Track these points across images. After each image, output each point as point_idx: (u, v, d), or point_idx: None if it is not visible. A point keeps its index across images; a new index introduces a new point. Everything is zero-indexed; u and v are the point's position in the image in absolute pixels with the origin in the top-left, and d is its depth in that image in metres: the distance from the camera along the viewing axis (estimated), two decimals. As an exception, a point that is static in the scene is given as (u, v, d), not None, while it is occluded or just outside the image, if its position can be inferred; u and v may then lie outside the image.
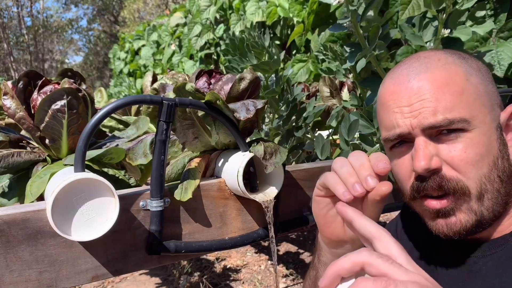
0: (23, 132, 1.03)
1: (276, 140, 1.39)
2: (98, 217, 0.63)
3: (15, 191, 0.90)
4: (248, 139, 0.88)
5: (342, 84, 1.60)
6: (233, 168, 0.79)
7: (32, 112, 0.87)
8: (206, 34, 4.25)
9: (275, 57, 1.25)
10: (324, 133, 1.27)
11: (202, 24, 4.29)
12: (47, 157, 0.91)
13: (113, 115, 1.15)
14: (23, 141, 0.96)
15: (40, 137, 0.87)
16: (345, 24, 1.03)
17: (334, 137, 1.28)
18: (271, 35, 3.14)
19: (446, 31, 0.97)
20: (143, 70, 6.70)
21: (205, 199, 0.80)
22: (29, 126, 0.86)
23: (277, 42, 3.07)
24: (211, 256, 3.19)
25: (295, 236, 3.40)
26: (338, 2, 0.98)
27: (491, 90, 0.62)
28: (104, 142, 0.96)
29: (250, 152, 0.79)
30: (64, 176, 0.65)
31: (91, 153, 0.81)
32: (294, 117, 1.31)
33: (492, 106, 0.61)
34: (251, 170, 0.81)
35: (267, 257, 3.11)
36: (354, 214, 0.53)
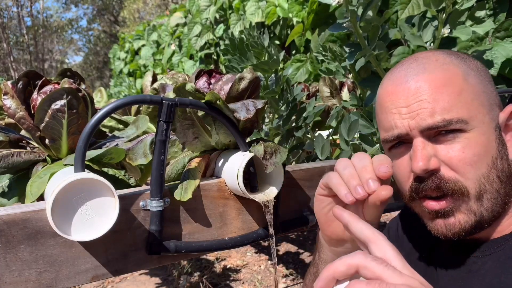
0: (23, 132, 1.03)
1: (276, 140, 1.39)
2: (98, 217, 0.63)
3: (15, 191, 0.89)
4: (248, 139, 0.88)
5: (342, 84, 1.60)
6: (233, 168, 0.79)
7: (32, 112, 0.87)
8: (206, 34, 4.25)
9: (275, 57, 1.25)
10: (324, 133, 1.27)
11: (202, 24, 4.30)
12: (47, 157, 0.91)
13: (113, 115, 1.15)
14: (23, 141, 0.96)
15: (40, 137, 0.87)
16: (345, 24, 1.03)
17: (334, 137, 1.28)
18: (271, 35, 3.14)
19: (446, 31, 0.97)
20: (143, 70, 6.70)
21: (205, 199, 0.80)
22: (29, 126, 0.86)
23: (277, 42, 3.07)
24: (211, 256, 3.19)
25: (295, 236, 3.40)
26: (338, 3, 0.98)
27: (490, 90, 0.62)
28: (104, 142, 0.96)
29: (250, 152, 0.79)
30: (64, 176, 0.65)
31: (91, 153, 0.81)
32: (294, 117, 1.31)
33: (491, 106, 0.61)
34: (251, 170, 0.81)
35: (267, 257, 3.11)
36: (350, 218, 0.53)
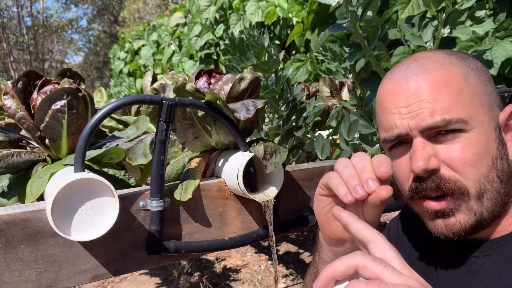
0: (23, 132, 1.03)
1: (276, 140, 1.39)
2: (98, 217, 0.63)
3: (15, 191, 0.89)
4: (248, 139, 0.88)
5: (342, 84, 1.60)
6: (233, 168, 0.79)
7: (32, 112, 0.87)
8: (206, 34, 4.25)
9: (275, 57, 1.25)
10: (324, 133, 1.27)
11: (202, 24, 4.30)
12: (47, 157, 0.91)
13: (113, 115, 1.15)
14: (23, 141, 0.96)
15: (40, 137, 0.87)
16: (345, 25, 1.03)
17: (334, 137, 1.28)
18: (271, 35, 3.14)
19: (446, 31, 0.97)
20: (143, 70, 6.70)
21: (205, 199, 0.80)
22: (29, 126, 0.86)
23: (277, 42, 3.07)
24: (211, 256, 3.19)
25: (295, 236, 3.40)
26: (337, 3, 0.98)
27: (490, 90, 0.62)
28: (104, 142, 0.96)
29: (250, 152, 0.79)
30: (64, 176, 0.65)
31: (91, 153, 0.81)
32: (294, 117, 1.31)
33: (491, 106, 0.61)
34: (251, 170, 0.81)
35: (267, 257, 3.11)
36: (350, 218, 0.53)
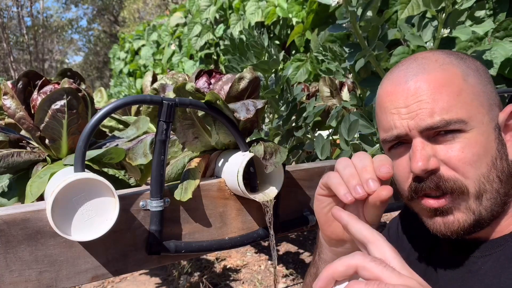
0: (23, 132, 1.03)
1: (276, 140, 1.39)
2: (98, 217, 0.63)
3: (15, 191, 0.89)
4: (248, 139, 0.88)
5: (342, 84, 1.60)
6: (233, 168, 0.79)
7: (32, 112, 0.87)
8: (206, 34, 4.25)
9: (275, 57, 1.25)
10: (324, 133, 1.27)
11: (202, 24, 4.30)
12: (47, 157, 0.91)
13: (113, 115, 1.15)
14: (23, 141, 0.96)
15: (40, 137, 0.87)
16: (344, 25, 1.03)
17: (334, 137, 1.28)
18: (271, 35, 3.14)
19: (446, 31, 0.97)
20: (143, 70, 6.70)
21: (205, 199, 0.80)
22: (29, 126, 0.86)
23: (277, 42, 3.07)
24: (211, 256, 3.19)
25: (295, 236, 3.40)
26: (337, 3, 0.98)
27: (489, 90, 0.62)
28: (104, 142, 0.96)
29: (250, 152, 0.79)
30: (64, 176, 0.65)
31: (91, 153, 0.81)
32: (294, 117, 1.31)
33: (491, 106, 0.61)
34: (251, 170, 0.81)
35: (267, 257, 3.11)
36: (349, 219, 0.53)
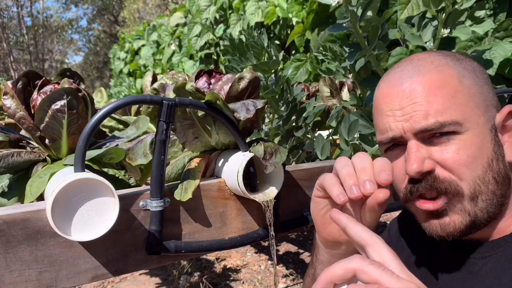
0: (23, 132, 1.03)
1: (276, 140, 1.39)
2: (98, 217, 0.63)
3: (15, 191, 0.89)
4: (248, 139, 0.88)
5: (342, 84, 1.60)
6: (233, 168, 0.79)
7: (32, 112, 0.87)
8: (206, 34, 4.25)
9: (275, 57, 1.24)
10: (324, 133, 1.27)
11: (202, 24, 4.30)
12: (47, 157, 0.91)
13: (113, 115, 1.15)
14: (23, 141, 0.96)
15: (40, 137, 0.87)
16: (345, 25, 1.03)
17: (334, 137, 1.28)
18: (271, 35, 3.14)
19: (446, 31, 0.97)
20: (143, 70, 6.70)
21: (205, 199, 0.80)
22: (29, 126, 0.86)
23: (277, 42, 3.07)
24: (211, 256, 3.19)
25: (295, 236, 3.40)
26: (337, 3, 0.98)
27: (486, 91, 0.62)
28: (104, 142, 0.96)
29: (250, 152, 0.79)
30: (64, 176, 0.65)
31: (91, 153, 0.81)
32: (294, 117, 1.31)
33: (487, 108, 0.61)
34: (251, 170, 0.81)
35: (267, 257, 3.11)
36: (348, 221, 0.53)
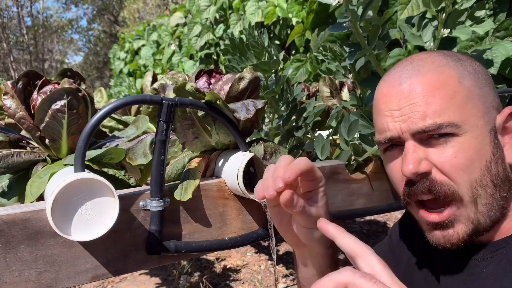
0: (23, 132, 1.03)
1: (276, 140, 1.39)
2: (98, 217, 0.63)
3: (15, 191, 0.89)
4: (248, 139, 0.88)
5: (342, 84, 1.60)
6: (233, 168, 0.79)
7: (32, 112, 0.87)
8: (206, 34, 4.25)
9: (275, 57, 1.24)
10: (324, 133, 1.27)
11: (202, 24, 4.30)
12: (47, 157, 0.91)
13: (113, 115, 1.15)
14: (23, 141, 0.96)
15: (40, 137, 0.87)
16: (345, 24, 1.03)
17: (334, 137, 1.28)
18: (271, 35, 3.14)
19: (446, 31, 0.97)
20: (143, 70, 6.70)
21: (205, 199, 0.80)
22: (29, 126, 0.86)
23: (277, 42, 3.07)
24: (211, 256, 3.19)
25: (295, 236, 3.40)
26: (338, 2, 0.98)
27: (487, 93, 0.61)
28: (104, 142, 0.96)
29: (250, 152, 0.79)
30: (64, 176, 0.65)
31: (91, 153, 0.81)
32: (294, 117, 1.31)
33: (487, 109, 0.60)
34: (251, 170, 0.81)
35: (267, 257, 3.11)
36: (336, 231, 0.52)
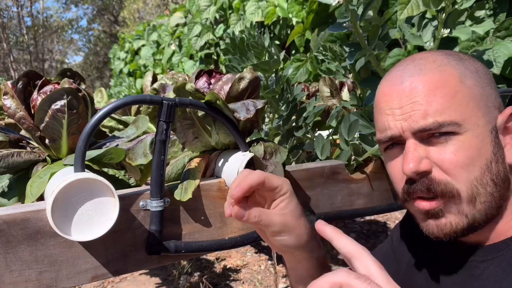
0: (23, 132, 1.03)
1: (276, 140, 1.39)
2: (98, 217, 0.63)
3: (15, 191, 0.89)
4: (248, 139, 0.88)
5: (342, 84, 1.60)
6: (233, 168, 0.79)
7: (32, 112, 0.87)
8: (206, 34, 4.25)
9: (275, 57, 1.24)
10: (324, 133, 1.27)
11: (202, 24, 4.30)
12: (47, 157, 0.91)
13: (113, 115, 1.15)
14: (23, 141, 0.96)
15: (40, 137, 0.87)
16: (345, 24, 1.03)
17: (334, 137, 1.28)
18: (271, 35, 3.14)
19: (446, 31, 0.97)
20: (143, 70, 6.70)
21: (205, 199, 0.80)
22: (29, 126, 0.86)
23: (277, 42, 3.07)
24: (211, 256, 3.19)
25: (295, 236, 3.40)
26: (338, 2, 0.98)
27: (488, 92, 0.61)
28: (104, 142, 0.96)
29: (250, 152, 0.79)
30: (64, 176, 0.65)
31: (91, 153, 0.81)
32: (294, 117, 1.31)
33: (488, 109, 0.60)
34: (251, 170, 0.81)
35: (267, 257, 3.11)
36: (333, 233, 0.53)
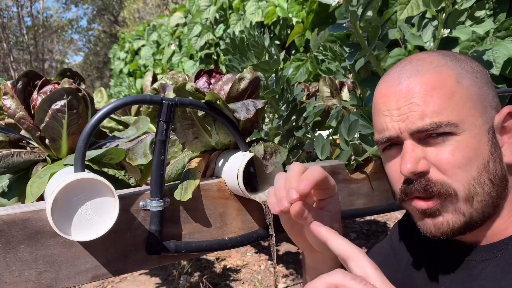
0: (23, 132, 1.03)
1: (276, 140, 1.39)
2: (98, 217, 0.63)
3: (15, 191, 0.89)
4: (248, 139, 0.88)
5: (342, 84, 1.60)
6: (233, 168, 0.79)
7: (32, 112, 0.87)
8: (206, 34, 4.25)
9: (275, 57, 1.24)
10: (324, 133, 1.27)
11: (202, 24, 4.30)
12: (47, 157, 0.91)
13: (113, 116, 1.15)
14: (23, 141, 0.96)
15: (40, 137, 0.87)
16: (345, 25, 1.03)
17: (334, 137, 1.28)
18: (271, 35, 3.14)
19: (446, 31, 0.97)
20: (143, 70, 6.70)
21: (205, 199, 0.80)
22: (29, 126, 0.86)
23: (277, 42, 3.07)
24: (211, 256, 3.19)
25: (295, 236, 3.40)
26: (337, 3, 0.98)
27: (486, 93, 0.61)
28: (104, 143, 0.96)
29: (250, 152, 0.79)
30: (64, 176, 0.65)
31: (91, 153, 0.81)
32: (294, 117, 1.31)
33: (485, 109, 0.60)
34: (251, 170, 0.81)
35: (267, 257, 3.11)
36: (328, 234, 0.53)
